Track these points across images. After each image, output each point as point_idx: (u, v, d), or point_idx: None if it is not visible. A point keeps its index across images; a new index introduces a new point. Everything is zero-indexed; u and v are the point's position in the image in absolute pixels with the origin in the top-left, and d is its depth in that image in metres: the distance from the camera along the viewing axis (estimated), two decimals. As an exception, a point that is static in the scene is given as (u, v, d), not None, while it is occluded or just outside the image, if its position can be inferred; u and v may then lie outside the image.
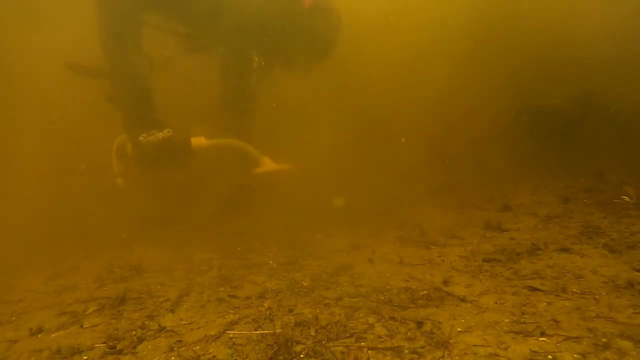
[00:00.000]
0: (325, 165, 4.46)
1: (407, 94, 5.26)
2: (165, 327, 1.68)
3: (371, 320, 1.55)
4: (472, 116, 5.18)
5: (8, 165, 4.52)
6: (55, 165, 4.75)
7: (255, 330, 1.56)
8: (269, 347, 1.40)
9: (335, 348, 1.36)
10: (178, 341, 1.54)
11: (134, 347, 1.53)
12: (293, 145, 4.13)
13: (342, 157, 4.70)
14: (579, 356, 1.19)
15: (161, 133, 2.62)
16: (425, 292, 1.79)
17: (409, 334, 1.42)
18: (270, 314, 1.71)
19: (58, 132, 4.71)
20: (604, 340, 1.25)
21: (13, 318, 2.03)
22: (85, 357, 1.50)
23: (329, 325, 1.53)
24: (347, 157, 4.79)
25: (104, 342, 1.59)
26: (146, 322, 1.76)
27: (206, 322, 1.70)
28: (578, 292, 1.62)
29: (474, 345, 1.30)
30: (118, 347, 1.55)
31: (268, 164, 3.08)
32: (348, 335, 1.44)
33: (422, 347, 1.32)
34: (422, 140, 4.93)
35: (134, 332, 1.67)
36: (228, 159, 3.55)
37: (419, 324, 1.48)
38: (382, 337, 1.41)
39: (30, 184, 4.61)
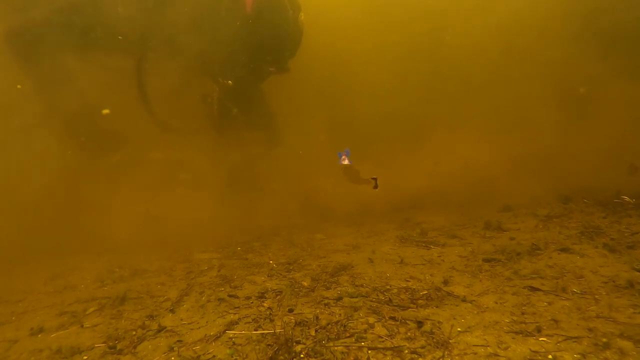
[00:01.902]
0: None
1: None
2: (165, 327, 1.68)
3: (371, 320, 1.55)
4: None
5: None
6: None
7: (255, 330, 1.57)
8: (269, 347, 1.41)
9: (335, 348, 1.36)
10: (178, 341, 1.54)
11: (134, 347, 1.53)
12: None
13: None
14: (579, 356, 1.20)
15: None
16: (425, 292, 1.79)
17: (409, 334, 1.42)
18: (270, 314, 1.71)
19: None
20: (604, 340, 1.25)
21: (13, 318, 2.03)
22: (85, 357, 1.50)
23: (329, 325, 1.53)
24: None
25: (104, 342, 1.59)
26: (146, 322, 1.76)
27: (206, 322, 1.70)
28: (578, 292, 1.62)
29: (474, 345, 1.30)
30: (118, 347, 1.55)
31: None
32: (348, 335, 1.44)
33: (422, 347, 1.32)
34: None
35: (134, 332, 1.67)
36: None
37: (419, 324, 1.48)
38: (382, 337, 1.41)
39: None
